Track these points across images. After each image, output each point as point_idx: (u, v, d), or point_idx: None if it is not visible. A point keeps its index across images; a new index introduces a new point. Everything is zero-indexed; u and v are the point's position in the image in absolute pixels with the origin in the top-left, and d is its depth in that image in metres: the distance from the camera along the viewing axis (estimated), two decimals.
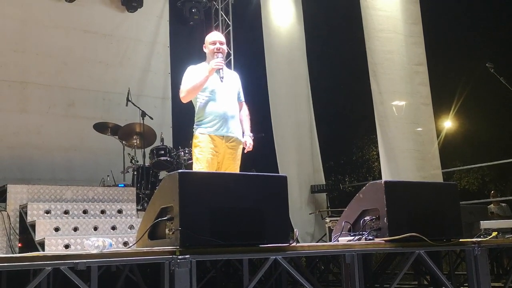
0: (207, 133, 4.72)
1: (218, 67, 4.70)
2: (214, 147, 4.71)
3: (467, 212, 6.51)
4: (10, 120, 8.15)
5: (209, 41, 4.90)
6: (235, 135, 4.83)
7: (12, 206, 5.62)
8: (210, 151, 4.69)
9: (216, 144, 4.72)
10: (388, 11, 8.27)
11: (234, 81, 5.03)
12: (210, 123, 4.74)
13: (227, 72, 5.00)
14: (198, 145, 4.74)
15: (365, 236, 4.02)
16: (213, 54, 4.80)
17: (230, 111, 4.81)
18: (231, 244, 3.31)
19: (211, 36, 4.96)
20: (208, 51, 4.90)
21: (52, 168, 8.25)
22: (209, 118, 4.75)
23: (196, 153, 4.74)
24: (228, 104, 4.82)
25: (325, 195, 9.49)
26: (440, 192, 4.38)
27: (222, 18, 10.48)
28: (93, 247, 3.16)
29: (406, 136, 7.98)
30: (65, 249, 4.99)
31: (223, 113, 4.76)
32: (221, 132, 4.74)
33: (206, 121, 4.76)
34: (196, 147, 4.77)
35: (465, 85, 16.51)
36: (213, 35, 4.99)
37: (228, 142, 4.78)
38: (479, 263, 4.19)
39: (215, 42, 4.85)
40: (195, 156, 4.78)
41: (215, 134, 4.73)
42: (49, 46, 8.62)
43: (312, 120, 9.83)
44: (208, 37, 4.96)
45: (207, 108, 4.77)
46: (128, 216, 6.00)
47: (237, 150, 4.85)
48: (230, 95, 4.88)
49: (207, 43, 4.91)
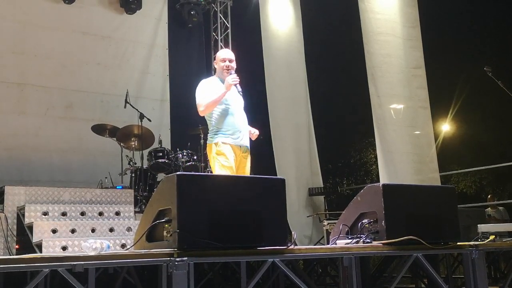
0: (228, 143, 5.02)
1: (235, 83, 5.01)
2: (234, 155, 5.02)
3: (465, 216, 6.53)
4: (8, 122, 8.13)
5: (220, 58, 5.21)
6: (247, 144, 5.17)
7: (10, 208, 5.62)
8: (234, 159, 4.99)
9: (235, 153, 5.03)
10: (386, 15, 8.29)
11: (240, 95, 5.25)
12: (229, 134, 5.04)
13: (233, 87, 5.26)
14: (223, 153, 4.98)
15: (363, 239, 4.03)
16: (222, 70, 5.13)
17: (244, 122, 5.19)
18: (229, 246, 3.31)
19: (221, 54, 5.30)
20: (218, 67, 5.22)
21: (50, 170, 8.23)
22: (228, 128, 5.05)
23: (222, 161, 4.96)
24: (242, 115, 5.19)
25: (323, 198, 9.48)
26: (438, 195, 4.39)
27: (221, 21, 10.49)
28: (91, 249, 3.16)
29: (404, 139, 8.00)
30: (63, 251, 4.98)
31: (239, 124, 5.11)
32: (239, 142, 5.07)
33: (227, 132, 5.05)
34: (220, 155, 5.00)
35: (463, 88, 16.56)
36: (223, 53, 5.33)
37: (243, 152, 5.10)
38: (476, 267, 4.20)
39: (224, 59, 5.16)
40: (219, 163, 4.97)
41: (234, 144, 5.04)
42: (48, 48, 8.60)
43: (310, 123, 9.83)
44: (219, 54, 5.29)
45: (227, 119, 5.07)
46: (126, 218, 6.00)
47: (248, 159, 5.17)
48: (241, 107, 5.21)
49: (218, 59, 5.23)
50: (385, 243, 3.90)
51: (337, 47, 17.02)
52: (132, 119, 7.70)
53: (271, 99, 9.44)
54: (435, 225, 4.17)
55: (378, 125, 7.93)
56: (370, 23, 8.16)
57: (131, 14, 9.42)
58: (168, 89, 9.71)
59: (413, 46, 8.34)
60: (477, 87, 16.00)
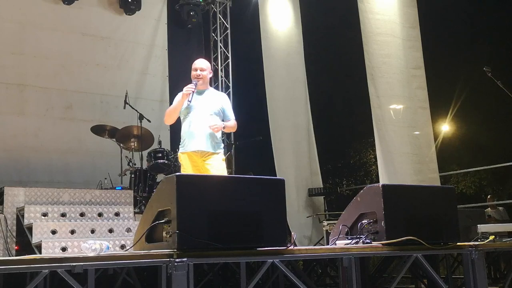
0: (185, 151, 5.16)
1: (188, 92, 5.04)
2: (193, 162, 5.12)
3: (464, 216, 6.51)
4: (8, 123, 8.13)
5: (192, 67, 5.29)
6: (207, 149, 5.12)
7: (9, 209, 5.62)
8: (191, 168, 5.11)
9: (194, 159, 5.12)
10: (386, 15, 8.29)
11: (214, 101, 5.27)
12: (185, 143, 5.16)
13: (209, 93, 5.34)
14: (181, 164, 5.21)
15: (363, 239, 4.03)
16: (192, 79, 5.21)
17: (201, 128, 5.10)
18: (228, 247, 3.31)
19: (195, 63, 5.32)
20: (191, 75, 5.29)
21: (49, 171, 8.23)
22: (184, 137, 5.18)
23: (181, 170, 5.23)
24: (202, 121, 5.11)
25: (322, 199, 9.49)
26: (438, 195, 4.39)
27: (220, 21, 10.49)
28: (90, 250, 3.15)
29: (403, 139, 7.99)
30: (62, 252, 4.98)
31: (195, 130, 5.10)
32: (192, 148, 5.10)
33: (184, 141, 5.19)
34: (181, 165, 5.25)
35: (462, 89, 16.55)
36: (196, 62, 5.33)
37: (202, 157, 5.13)
38: (476, 267, 4.20)
39: (196, 68, 5.25)
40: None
41: (190, 151, 5.12)
42: (47, 48, 8.60)
43: (309, 123, 9.83)
44: (194, 63, 5.32)
45: (183, 128, 5.21)
46: (126, 219, 5.99)
47: (212, 161, 5.13)
48: (205, 114, 5.14)
49: (192, 68, 5.30)
50: (385, 244, 3.90)
51: (337, 48, 17.02)
52: (132, 120, 7.70)
53: (271, 99, 9.44)
54: (435, 225, 4.17)
55: (377, 126, 7.92)
56: (370, 24, 8.16)
57: (130, 14, 9.42)
58: (168, 89, 9.71)
59: (413, 46, 8.34)
60: (477, 87, 16.00)
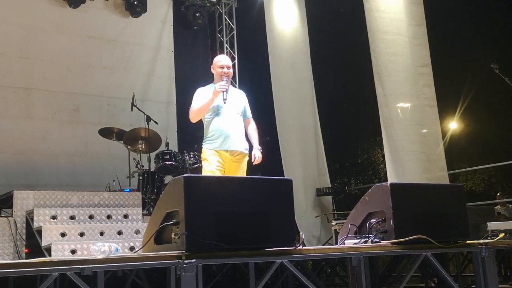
0: (213, 149, 5.07)
1: (222, 90, 5.01)
2: (219, 160, 5.04)
3: (474, 214, 6.49)
4: (16, 126, 8.17)
5: (218, 64, 5.22)
6: (239, 149, 5.11)
7: (19, 212, 5.62)
8: (216, 164, 5.01)
9: (222, 157, 5.05)
10: (392, 13, 8.27)
11: (239, 100, 5.31)
12: (215, 139, 5.08)
13: (233, 91, 5.32)
14: (206, 159, 5.09)
15: (371, 238, 4.01)
16: (220, 77, 5.14)
17: (233, 127, 5.13)
18: (237, 248, 3.30)
19: (219, 59, 5.28)
20: (215, 73, 5.23)
21: (57, 174, 8.26)
22: (215, 134, 5.09)
23: (204, 166, 5.10)
24: (233, 121, 5.15)
25: (330, 198, 9.47)
26: (446, 193, 4.37)
27: (226, 22, 10.50)
28: (100, 252, 3.16)
29: (411, 138, 7.97)
30: (72, 255, 4.99)
31: (227, 129, 5.08)
32: (224, 147, 5.05)
33: (213, 137, 5.09)
34: (204, 160, 5.14)
35: (470, 86, 16.47)
36: (221, 59, 5.31)
37: (233, 156, 5.08)
38: (486, 265, 4.17)
39: (223, 66, 5.18)
40: (203, 168, 5.11)
41: (220, 149, 5.05)
42: (54, 52, 8.64)
43: (317, 123, 9.82)
44: (217, 60, 5.28)
45: (212, 125, 5.11)
46: (134, 221, 6.00)
47: (241, 163, 5.15)
48: (233, 113, 5.18)
49: (215, 65, 5.23)
50: (394, 243, 3.88)
51: (343, 47, 16.98)
52: (139, 122, 7.72)
53: (277, 99, 9.44)
54: (444, 223, 4.15)
55: (385, 124, 7.91)
56: (376, 22, 8.15)
57: (136, 17, 9.43)
58: (174, 91, 9.73)
59: (419, 44, 8.31)
60: (484, 84, 15.92)
